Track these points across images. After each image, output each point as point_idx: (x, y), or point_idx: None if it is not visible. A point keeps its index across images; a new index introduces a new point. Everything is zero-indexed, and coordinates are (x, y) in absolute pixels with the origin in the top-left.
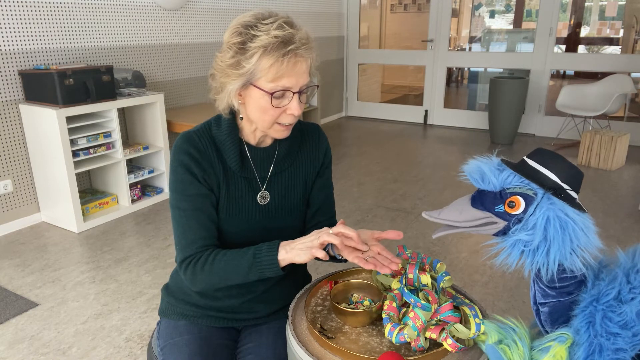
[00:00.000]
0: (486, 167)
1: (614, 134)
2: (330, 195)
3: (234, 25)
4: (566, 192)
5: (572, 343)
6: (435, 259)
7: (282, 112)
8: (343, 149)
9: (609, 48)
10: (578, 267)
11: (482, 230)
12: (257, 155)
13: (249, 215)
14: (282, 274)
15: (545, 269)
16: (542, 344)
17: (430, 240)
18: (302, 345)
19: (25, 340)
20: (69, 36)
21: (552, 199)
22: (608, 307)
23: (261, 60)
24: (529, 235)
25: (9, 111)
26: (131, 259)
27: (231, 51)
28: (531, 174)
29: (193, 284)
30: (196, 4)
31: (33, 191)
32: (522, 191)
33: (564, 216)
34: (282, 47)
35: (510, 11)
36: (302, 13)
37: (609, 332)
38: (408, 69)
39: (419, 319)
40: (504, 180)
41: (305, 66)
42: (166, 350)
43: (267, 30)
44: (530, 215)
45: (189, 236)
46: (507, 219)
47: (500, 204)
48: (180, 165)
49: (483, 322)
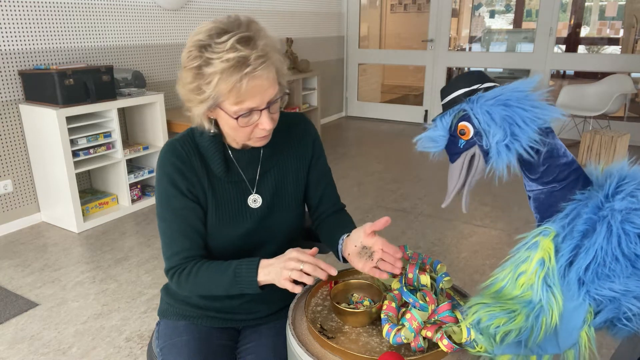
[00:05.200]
0: (428, 133)
1: (614, 134)
2: (328, 184)
3: (189, 46)
4: (479, 88)
5: (555, 235)
6: (436, 259)
7: (254, 127)
8: (343, 149)
9: (609, 48)
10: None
11: (478, 169)
12: (243, 158)
13: (241, 219)
14: (261, 292)
15: (522, 145)
16: (528, 241)
17: (430, 240)
18: (302, 345)
19: (25, 340)
20: (69, 36)
21: (472, 100)
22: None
23: (219, 85)
24: (494, 133)
25: (9, 111)
26: (131, 259)
27: (190, 75)
28: (450, 104)
29: (180, 291)
30: (196, 4)
31: (33, 191)
32: (458, 117)
33: (493, 98)
34: (237, 72)
35: (510, 11)
36: (302, 13)
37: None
38: (408, 69)
39: (416, 320)
40: (443, 126)
41: (267, 82)
42: (165, 351)
43: (220, 53)
44: (480, 122)
45: (173, 248)
46: (472, 144)
47: (458, 140)
48: (164, 176)
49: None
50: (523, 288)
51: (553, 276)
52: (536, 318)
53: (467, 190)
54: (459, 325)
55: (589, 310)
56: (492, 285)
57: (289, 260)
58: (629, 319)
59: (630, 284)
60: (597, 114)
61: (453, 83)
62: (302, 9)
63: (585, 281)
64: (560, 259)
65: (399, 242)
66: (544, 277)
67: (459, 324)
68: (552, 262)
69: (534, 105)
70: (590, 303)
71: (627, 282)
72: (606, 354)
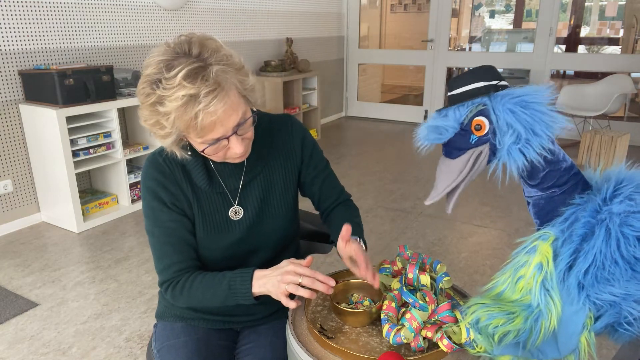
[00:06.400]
0: (434, 122)
1: (614, 134)
2: (327, 179)
3: (142, 82)
4: (499, 84)
5: (554, 240)
6: (436, 259)
7: (226, 150)
8: (343, 149)
9: (609, 48)
10: (552, 147)
11: (480, 168)
12: (225, 170)
13: (226, 230)
14: (256, 302)
15: (535, 150)
16: (527, 246)
17: (430, 240)
18: (302, 345)
19: (25, 340)
20: (69, 36)
21: (497, 95)
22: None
23: (176, 123)
24: (512, 134)
25: (9, 111)
26: (131, 259)
27: (147, 112)
28: (466, 96)
29: (175, 303)
30: (196, 4)
31: (33, 191)
32: (476, 111)
33: (518, 97)
34: (189, 109)
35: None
36: (302, 13)
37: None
38: (408, 69)
39: (416, 320)
40: (455, 117)
41: (226, 112)
42: (163, 352)
43: (170, 91)
44: (497, 119)
45: (164, 261)
46: (485, 141)
47: (470, 135)
48: (148, 191)
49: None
50: (522, 292)
51: (551, 280)
52: (535, 321)
53: (460, 190)
54: (458, 325)
55: (589, 315)
56: (492, 289)
57: (287, 274)
58: (630, 324)
59: (630, 287)
60: (597, 114)
61: (466, 76)
62: (302, 9)
63: (585, 285)
64: (560, 263)
65: (399, 242)
66: (542, 281)
67: (459, 324)
68: (550, 266)
69: (551, 111)
70: (590, 308)
71: (627, 285)
72: (607, 355)
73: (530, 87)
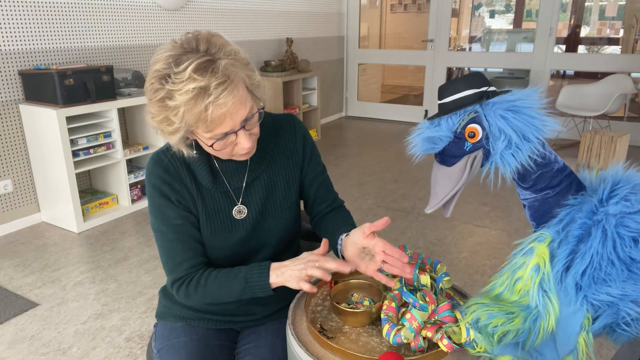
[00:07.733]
0: (427, 132)
1: (614, 134)
2: (323, 182)
3: (150, 77)
4: (489, 91)
5: (550, 241)
6: (436, 259)
7: (233, 146)
8: (343, 149)
9: (609, 48)
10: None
11: (475, 171)
12: (228, 168)
13: (230, 229)
14: (273, 294)
15: (525, 154)
16: (524, 247)
17: (430, 240)
18: (302, 345)
19: (25, 340)
20: (69, 36)
21: (488, 103)
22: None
23: (185, 117)
24: (504, 139)
25: (9, 111)
26: (131, 259)
27: (155, 108)
28: (457, 104)
29: (187, 302)
30: (196, 4)
31: (33, 191)
32: (468, 119)
33: (509, 103)
34: (199, 102)
35: (510, 11)
36: (302, 13)
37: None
38: (408, 69)
39: (416, 320)
40: (448, 126)
41: (235, 105)
42: (163, 352)
43: (180, 85)
44: (490, 125)
45: (175, 259)
46: (479, 147)
47: (464, 143)
48: (153, 189)
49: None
50: (520, 294)
51: (549, 281)
52: (534, 322)
53: (458, 195)
54: (458, 325)
55: (587, 316)
56: (490, 291)
57: (310, 261)
58: (628, 324)
59: (627, 287)
60: (597, 114)
61: (456, 84)
62: (302, 9)
63: (582, 286)
64: (557, 264)
65: (399, 242)
66: (540, 283)
67: (459, 324)
68: (547, 267)
69: (541, 115)
70: (588, 309)
71: (624, 286)
72: (606, 355)
73: (520, 92)
